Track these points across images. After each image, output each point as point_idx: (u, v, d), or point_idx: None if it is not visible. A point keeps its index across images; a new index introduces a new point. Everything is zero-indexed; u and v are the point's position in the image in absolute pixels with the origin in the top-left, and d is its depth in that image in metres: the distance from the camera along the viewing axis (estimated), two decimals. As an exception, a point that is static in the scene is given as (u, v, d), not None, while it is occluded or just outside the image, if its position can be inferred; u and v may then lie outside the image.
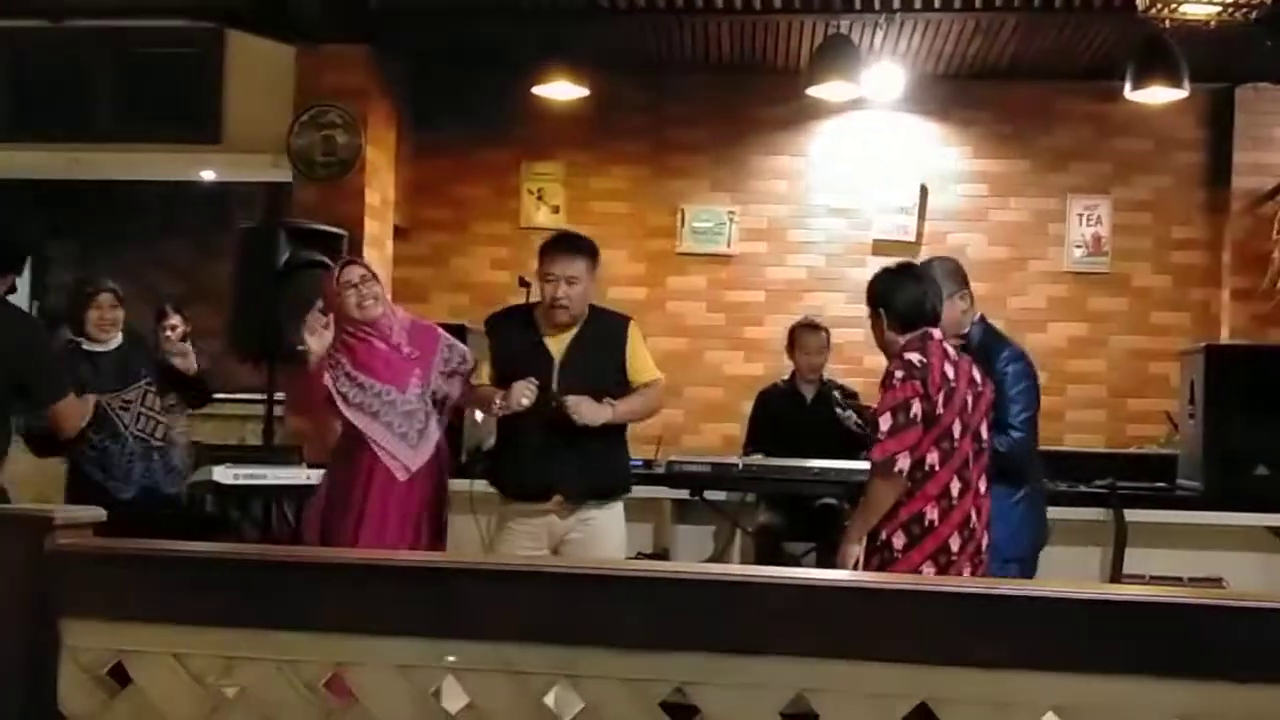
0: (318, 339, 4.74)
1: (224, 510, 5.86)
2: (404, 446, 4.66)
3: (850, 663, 1.96)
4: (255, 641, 2.06)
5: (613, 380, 4.70)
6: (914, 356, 4.11)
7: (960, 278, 4.72)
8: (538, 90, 7.78)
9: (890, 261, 4.60)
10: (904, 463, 4.03)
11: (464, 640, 2.07)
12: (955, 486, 4.10)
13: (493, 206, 8.80)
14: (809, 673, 1.94)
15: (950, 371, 4.13)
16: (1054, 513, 6.50)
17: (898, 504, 4.07)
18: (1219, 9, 5.65)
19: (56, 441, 5.01)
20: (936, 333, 4.23)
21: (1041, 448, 7.46)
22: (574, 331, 4.73)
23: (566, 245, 4.79)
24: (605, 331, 4.79)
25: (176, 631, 2.07)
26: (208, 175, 8.84)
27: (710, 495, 6.28)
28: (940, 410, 4.06)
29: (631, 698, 1.98)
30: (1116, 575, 6.12)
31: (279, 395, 6.61)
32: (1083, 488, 6.59)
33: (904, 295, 4.27)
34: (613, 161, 8.79)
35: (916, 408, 4.03)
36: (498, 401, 4.61)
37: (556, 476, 4.62)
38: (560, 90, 7.79)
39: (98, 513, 2.10)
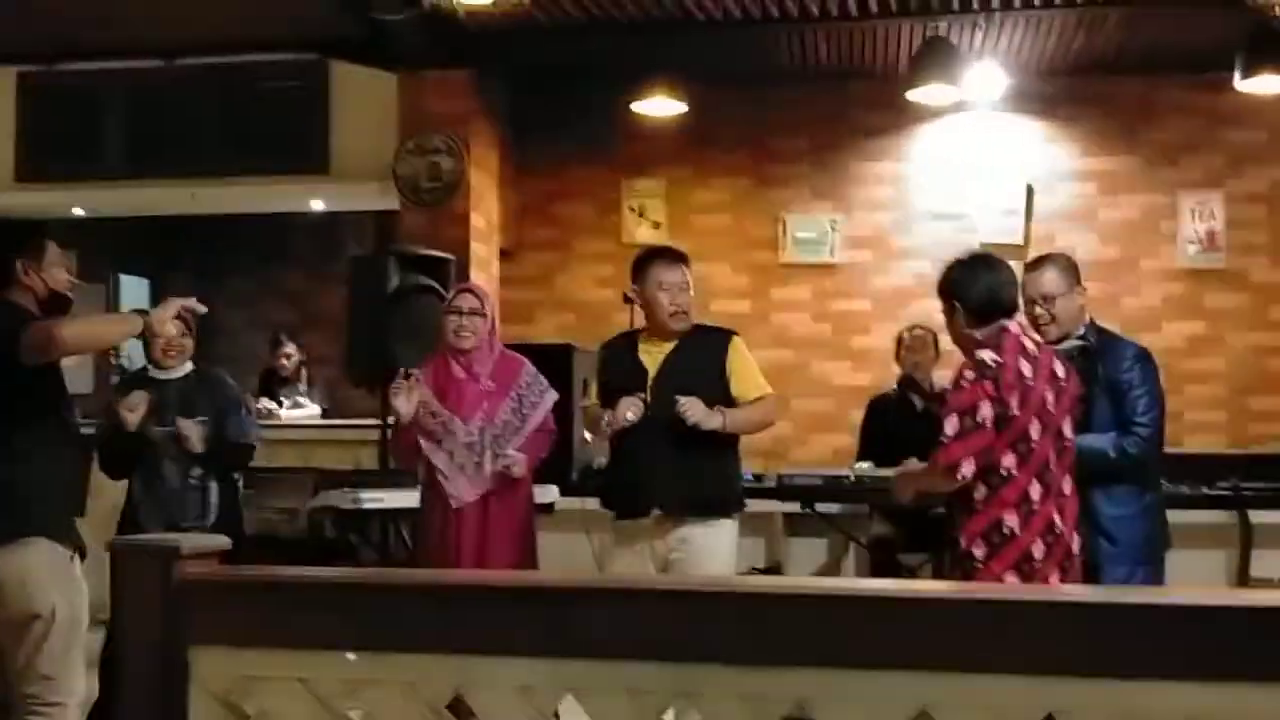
0: (404, 401, 4.69)
1: (343, 534, 5.96)
2: (459, 477, 4.68)
3: (972, 675, 1.94)
4: (378, 665, 2.10)
5: (712, 394, 4.62)
6: (987, 355, 3.88)
7: (1076, 272, 4.60)
8: (637, 107, 7.82)
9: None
10: (968, 469, 3.83)
11: (582, 660, 2.09)
12: (1035, 490, 3.90)
13: (595, 224, 8.85)
14: (930, 687, 1.92)
15: (1027, 369, 3.92)
16: (1176, 516, 6.37)
17: (974, 511, 3.89)
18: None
19: (129, 456, 5.02)
20: (1013, 326, 4.01)
21: (1163, 450, 7.36)
22: (671, 345, 4.73)
23: (674, 255, 4.84)
24: (704, 345, 4.75)
25: (302, 656, 2.12)
26: (317, 205, 9.01)
27: (822, 508, 6.25)
28: (1015, 411, 3.86)
29: (750, 715, 1.98)
30: (1244, 578, 5.97)
31: (391, 420, 6.70)
32: (1205, 490, 6.45)
33: (978, 286, 4.02)
34: (713, 174, 8.79)
35: (986, 411, 3.83)
36: (605, 418, 4.63)
37: (655, 490, 4.58)
38: (659, 106, 7.83)
39: (223, 541, 2.16)
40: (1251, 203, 8.35)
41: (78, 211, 8.59)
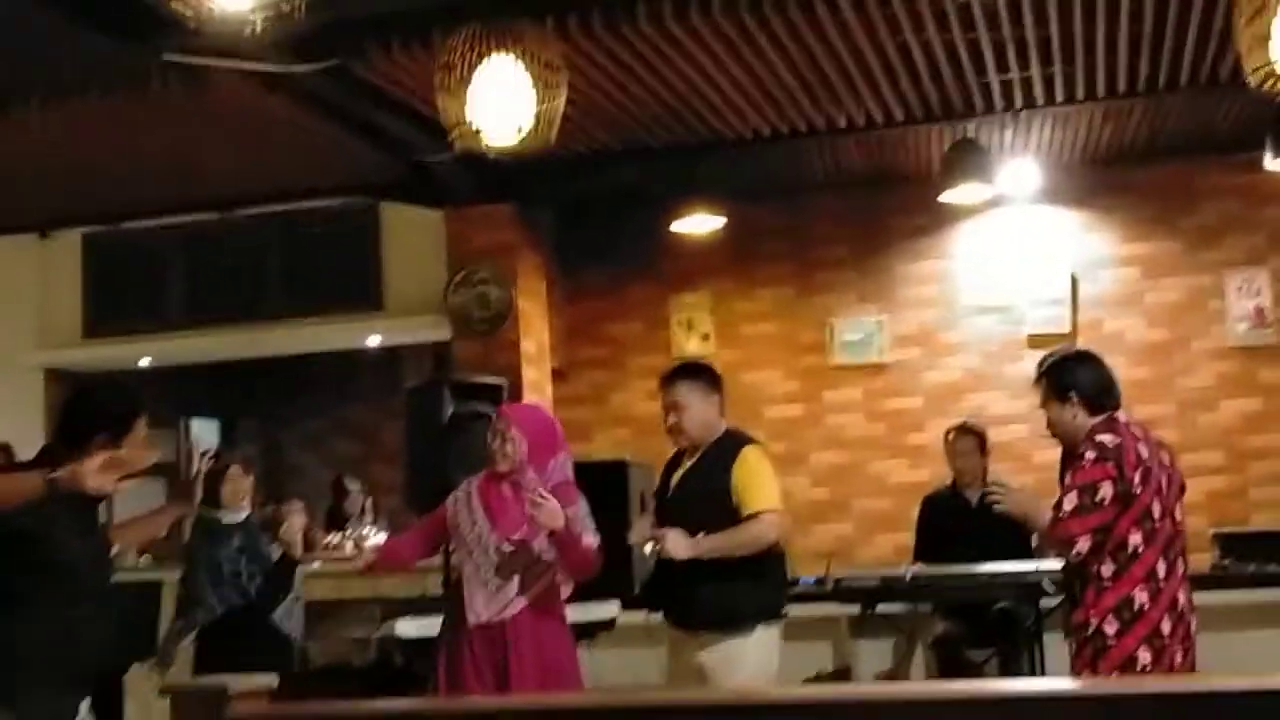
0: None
1: (410, 662, 6.05)
2: (480, 592, 4.53)
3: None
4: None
5: (720, 506, 4.67)
6: (1106, 438, 4.07)
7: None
8: (676, 226, 8.01)
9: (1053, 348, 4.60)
10: (1083, 545, 3.99)
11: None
12: (1161, 567, 4.05)
13: (645, 340, 9.01)
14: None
15: (1144, 451, 4.10)
16: (1246, 595, 6.36)
17: (1104, 589, 4.01)
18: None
19: None
20: (1122, 415, 4.20)
21: (1227, 529, 7.32)
22: (695, 459, 4.84)
23: (668, 374, 4.96)
24: (719, 457, 4.80)
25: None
26: (374, 340, 9.25)
27: (885, 608, 6.26)
28: (1138, 489, 4.02)
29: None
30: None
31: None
32: (1272, 567, 6.42)
33: (1092, 377, 4.26)
34: (757, 284, 8.94)
35: (1106, 490, 3.99)
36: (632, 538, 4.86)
37: (668, 605, 4.78)
38: (698, 223, 8.01)
39: (270, 679, 2.27)
40: (1298, 277, 8.35)
41: (144, 362, 8.88)
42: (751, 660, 4.67)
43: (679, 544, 4.57)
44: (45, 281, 9.09)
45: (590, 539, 4.57)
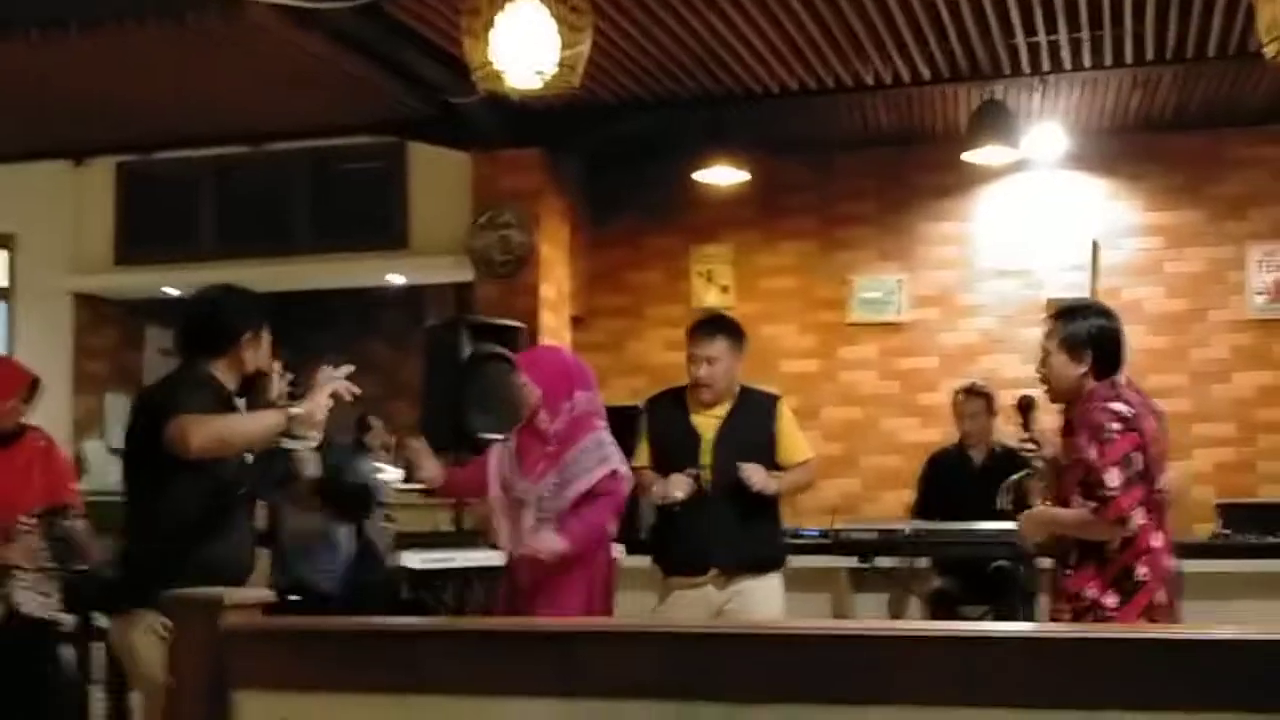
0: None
1: (418, 594, 6.20)
2: (505, 528, 4.63)
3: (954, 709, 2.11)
4: (402, 707, 2.31)
5: (764, 458, 4.89)
6: (1121, 407, 3.93)
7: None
8: (699, 176, 8.07)
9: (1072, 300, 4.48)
10: (1139, 518, 3.89)
11: (587, 699, 2.28)
12: (1158, 540, 3.98)
13: (665, 290, 9.09)
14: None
15: (1153, 421, 4.02)
16: (1242, 565, 6.42)
17: (1106, 560, 3.94)
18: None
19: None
20: (1122, 377, 4.06)
21: (1230, 499, 7.37)
22: (725, 409, 4.94)
23: (705, 327, 5.02)
24: (755, 410, 4.99)
25: (335, 699, 2.34)
26: (397, 279, 9.36)
27: (883, 562, 6.36)
28: (1150, 461, 3.96)
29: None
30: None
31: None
32: (1270, 539, 6.48)
33: (1111, 338, 4.08)
34: (779, 238, 9.00)
35: (1138, 460, 3.89)
36: (655, 490, 4.85)
37: (713, 551, 4.84)
38: (723, 175, 8.06)
39: (264, 594, 2.39)
40: (1319, 252, 8.35)
41: (171, 291, 9.02)
42: (776, 598, 4.91)
43: (765, 478, 4.80)
44: (78, 208, 9.23)
45: (603, 471, 4.55)
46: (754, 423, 4.96)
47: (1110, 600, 3.93)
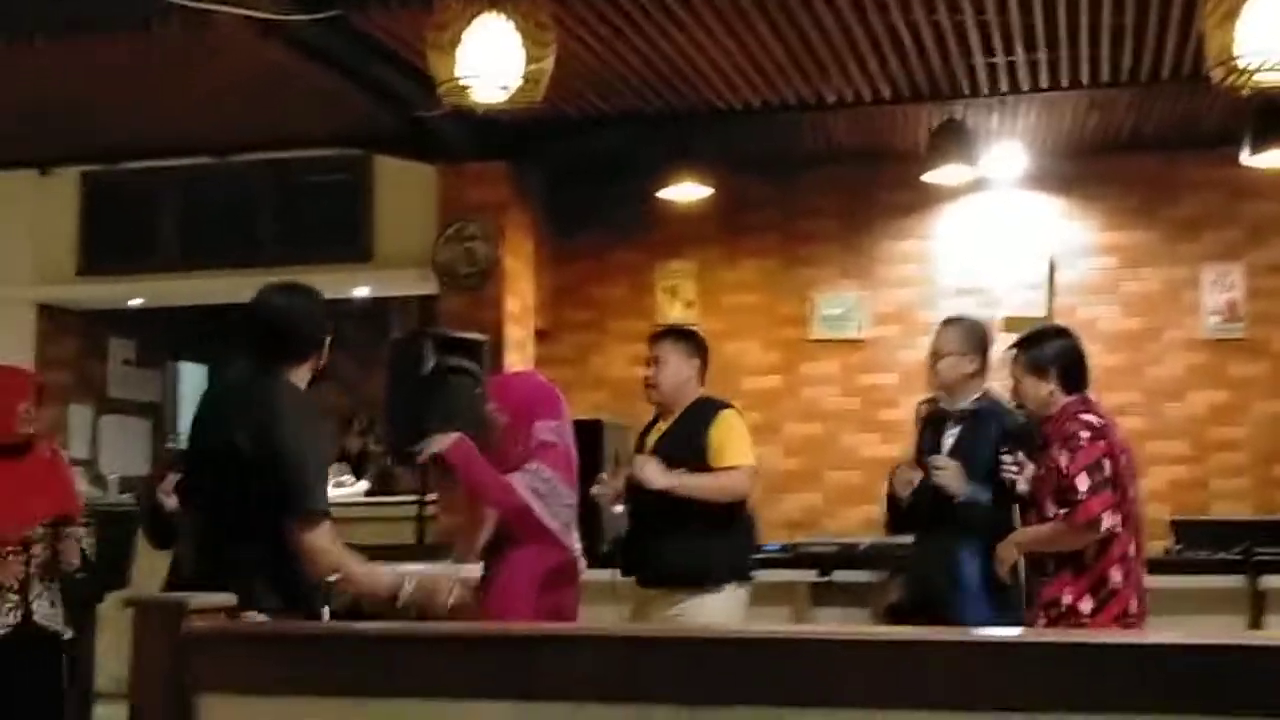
0: None
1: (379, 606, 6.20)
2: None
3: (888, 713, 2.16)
4: (363, 710, 2.35)
5: (692, 467, 4.85)
6: (1091, 418, 4.16)
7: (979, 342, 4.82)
8: (665, 193, 8.13)
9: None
10: (1110, 521, 4.05)
11: (545, 701, 2.33)
12: (1131, 548, 4.16)
13: (630, 305, 9.14)
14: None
15: (1119, 434, 4.21)
16: (1190, 581, 6.52)
17: (1083, 568, 4.10)
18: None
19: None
20: (1092, 395, 4.28)
21: (1184, 516, 7.48)
22: (671, 421, 5.00)
23: (656, 332, 5.21)
24: (696, 418, 5.00)
25: (297, 703, 2.38)
26: (361, 291, 9.37)
27: (843, 575, 6.42)
28: (1120, 470, 4.13)
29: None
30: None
31: (430, 497, 6.99)
32: (1220, 555, 6.57)
33: (1069, 353, 4.34)
34: (742, 255, 9.07)
35: (1108, 467, 4.08)
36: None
37: (635, 562, 4.93)
38: (686, 191, 8.13)
39: (228, 598, 2.42)
40: (1272, 273, 8.48)
41: (135, 302, 8.99)
42: (720, 618, 4.84)
43: (654, 472, 4.72)
44: (42, 218, 9.20)
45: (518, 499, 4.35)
46: (691, 430, 4.96)
47: (1085, 606, 4.09)
